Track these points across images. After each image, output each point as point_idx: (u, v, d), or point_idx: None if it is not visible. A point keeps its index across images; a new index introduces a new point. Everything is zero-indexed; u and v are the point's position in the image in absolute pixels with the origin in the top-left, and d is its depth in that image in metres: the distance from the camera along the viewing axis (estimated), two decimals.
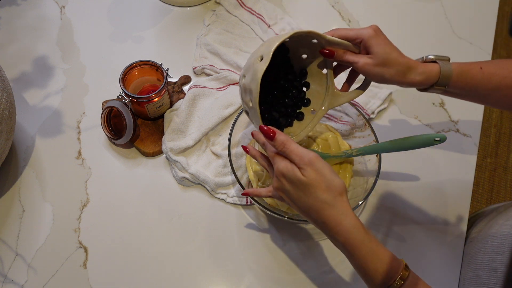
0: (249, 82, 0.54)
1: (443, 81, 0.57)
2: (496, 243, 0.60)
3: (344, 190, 0.49)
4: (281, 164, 0.51)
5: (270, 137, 0.52)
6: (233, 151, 0.68)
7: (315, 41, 0.57)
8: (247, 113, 0.59)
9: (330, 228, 0.49)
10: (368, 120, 0.69)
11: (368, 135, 0.69)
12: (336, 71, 0.62)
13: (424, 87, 0.59)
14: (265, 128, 0.52)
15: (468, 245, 0.67)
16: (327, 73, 0.61)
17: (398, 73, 0.55)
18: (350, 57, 0.57)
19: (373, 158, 0.67)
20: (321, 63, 0.61)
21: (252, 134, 0.57)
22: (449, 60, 0.58)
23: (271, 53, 0.52)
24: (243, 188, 0.63)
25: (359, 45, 0.57)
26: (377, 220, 0.69)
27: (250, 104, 0.55)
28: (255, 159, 0.58)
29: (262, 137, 0.54)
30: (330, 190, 0.49)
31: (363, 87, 0.62)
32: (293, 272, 0.65)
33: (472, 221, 0.72)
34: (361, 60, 0.56)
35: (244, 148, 0.59)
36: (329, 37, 0.56)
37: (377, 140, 0.67)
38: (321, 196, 0.49)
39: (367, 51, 0.56)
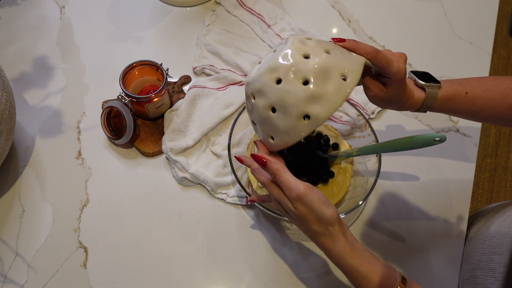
0: (281, 126, 0.49)
1: (424, 108, 0.60)
2: (494, 243, 0.60)
3: (335, 220, 0.50)
4: (274, 192, 0.52)
5: (262, 164, 0.52)
6: (233, 151, 0.68)
7: None
8: (253, 124, 0.55)
9: (324, 252, 0.52)
10: (368, 120, 0.69)
11: (368, 135, 0.69)
12: None
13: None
14: (257, 156, 0.53)
15: (467, 245, 0.67)
16: None
17: (393, 107, 0.59)
18: (368, 81, 0.56)
19: (373, 158, 0.67)
20: None
21: (255, 143, 0.57)
22: (439, 87, 0.58)
23: (322, 122, 0.48)
24: (243, 188, 0.64)
25: (385, 75, 0.54)
26: (377, 220, 0.69)
27: (271, 141, 0.52)
28: (251, 168, 0.57)
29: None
30: (320, 222, 0.50)
31: None
32: (293, 272, 0.65)
33: (470, 220, 0.72)
34: (374, 91, 0.56)
35: (239, 159, 0.58)
36: (368, 62, 0.52)
37: (377, 140, 0.67)
38: (312, 227, 0.50)
39: (384, 83, 0.55)
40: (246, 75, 0.81)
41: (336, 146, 0.69)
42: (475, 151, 0.77)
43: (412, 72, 0.61)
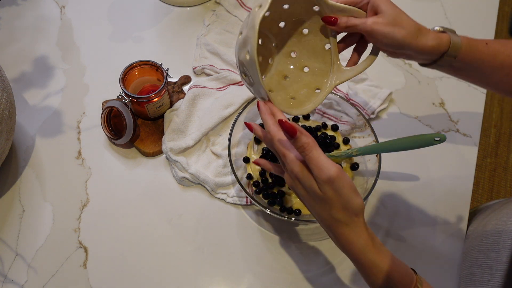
0: (245, 34, 0.48)
1: (453, 51, 0.54)
2: (491, 240, 0.60)
3: (361, 211, 0.46)
4: (296, 168, 0.47)
5: (291, 134, 0.45)
6: (233, 151, 0.68)
7: (316, 9, 0.54)
8: (243, 74, 0.52)
9: (341, 245, 0.49)
10: (368, 120, 0.70)
11: (368, 135, 0.69)
12: (340, 48, 0.58)
13: (434, 57, 0.55)
14: (286, 123, 0.45)
15: (464, 243, 0.67)
16: (330, 48, 0.58)
17: (410, 34, 0.52)
18: (356, 20, 0.52)
19: (373, 158, 0.67)
20: (324, 39, 0.58)
21: (258, 106, 0.51)
22: (455, 32, 0.56)
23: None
24: (243, 188, 0.63)
25: (365, 7, 0.53)
26: (377, 220, 0.69)
27: (248, 57, 0.47)
28: (261, 139, 0.53)
29: (268, 120, 0.49)
30: (346, 210, 0.46)
31: (373, 53, 0.57)
32: (293, 272, 0.65)
33: (468, 219, 0.72)
34: (370, 19, 0.51)
35: (248, 125, 0.54)
36: (332, 2, 0.51)
37: (377, 140, 0.67)
38: (335, 215, 0.46)
39: (375, 12, 0.52)
40: None
41: (337, 146, 0.69)
42: (475, 151, 0.77)
43: None
